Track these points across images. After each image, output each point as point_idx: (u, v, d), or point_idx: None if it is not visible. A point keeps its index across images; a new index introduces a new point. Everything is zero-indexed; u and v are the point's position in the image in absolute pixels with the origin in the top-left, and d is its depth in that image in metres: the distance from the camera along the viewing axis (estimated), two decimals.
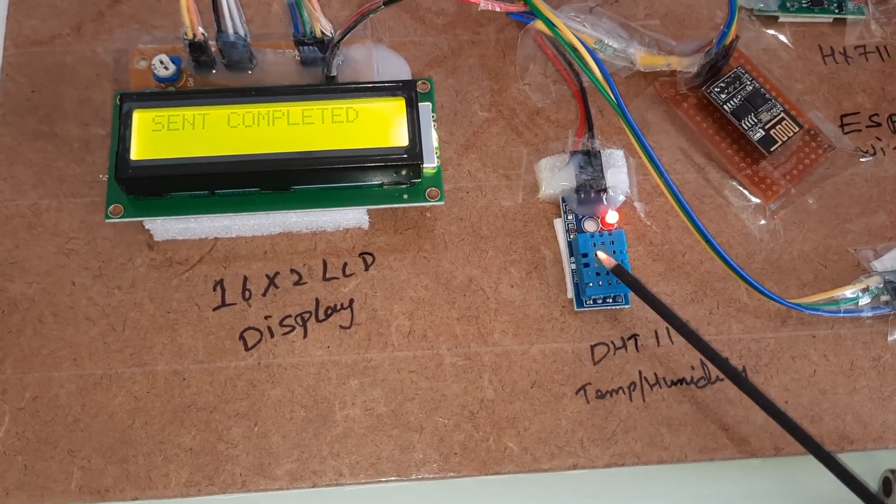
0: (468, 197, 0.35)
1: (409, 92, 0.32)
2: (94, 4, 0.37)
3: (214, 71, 0.35)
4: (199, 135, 0.31)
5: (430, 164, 0.32)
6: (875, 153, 0.37)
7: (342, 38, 0.32)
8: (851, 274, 0.35)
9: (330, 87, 0.32)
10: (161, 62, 0.34)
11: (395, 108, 0.32)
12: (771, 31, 0.38)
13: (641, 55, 0.36)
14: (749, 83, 0.36)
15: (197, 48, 0.34)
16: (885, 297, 0.33)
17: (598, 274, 0.33)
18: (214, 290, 0.33)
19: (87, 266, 0.33)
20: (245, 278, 0.33)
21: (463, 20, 0.38)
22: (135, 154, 0.30)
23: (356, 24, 0.31)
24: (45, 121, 0.35)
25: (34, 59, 0.36)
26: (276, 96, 0.32)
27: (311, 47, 0.34)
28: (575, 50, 0.33)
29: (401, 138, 0.31)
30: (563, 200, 0.35)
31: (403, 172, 0.32)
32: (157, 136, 0.31)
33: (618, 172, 0.35)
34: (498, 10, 0.32)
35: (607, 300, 0.33)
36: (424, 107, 0.33)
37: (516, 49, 0.37)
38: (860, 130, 0.37)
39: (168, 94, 0.32)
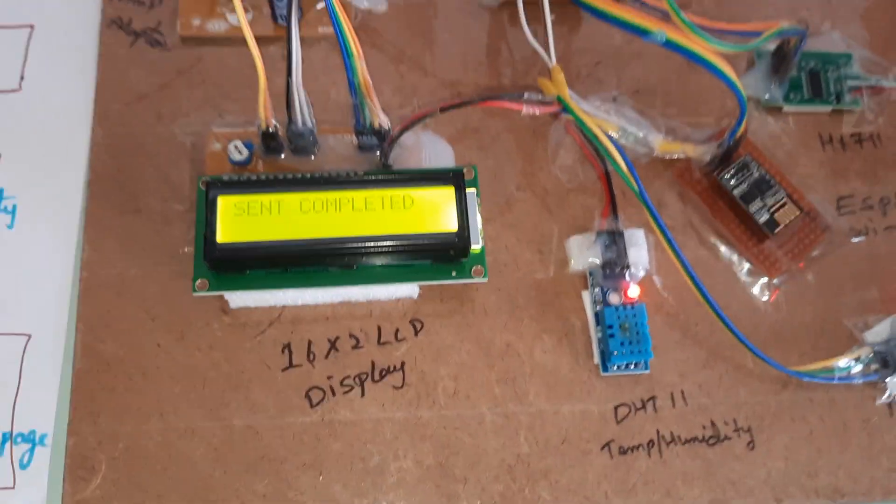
0: (506, 270, 0.39)
1: (458, 180, 0.36)
2: (173, 90, 0.41)
3: (283, 155, 0.39)
4: (276, 219, 0.35)
5: (475, 246, 0.36)
6: (867, 233, 0.41)
7: (399, 136, 0.36)
8: (845, 344, 0.39)
9: (389, 177, 0.36)
10: (236, 147, 0.39)
11: (445, 195, 0.36)
12: (776, 120, 0.43)
13: (660, 142, 0.41)
14: (756, 170, 0.40)
15: (269, 137, 0.38)
16: (874, 366, 0.38)
17: (622, 343, 0.37)
18: (283, 352, 0.37)
19: (170, 329, 0.37)
20: (309, 342, 0.38)
21: (503, 118, 0.42)
22: (220, 237, 0.35)
23: (413, 124, 0.36)
24: (131, 197, 0.39)
25: (119, 140, 0.40)
26: (342, 184, 0.36)
27: (369, 136, 0.39)
28: (604, 146, 0.37)
29: (451, 224, 0.36)
30: (590, 275, 0.39)
31: (453, 253, 0.36)
32: (238, 220, 0.35)
33: (639, 250, 0.39)
34: (537, 113, 0.36)
35: (630, 366, 0.37)
36: (470, 193, 0.37)
37: (548, 134, 0.42)
38: (854, 212, 0.42)
39: (247, 183, 0.36)
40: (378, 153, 0.39)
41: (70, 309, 0.38)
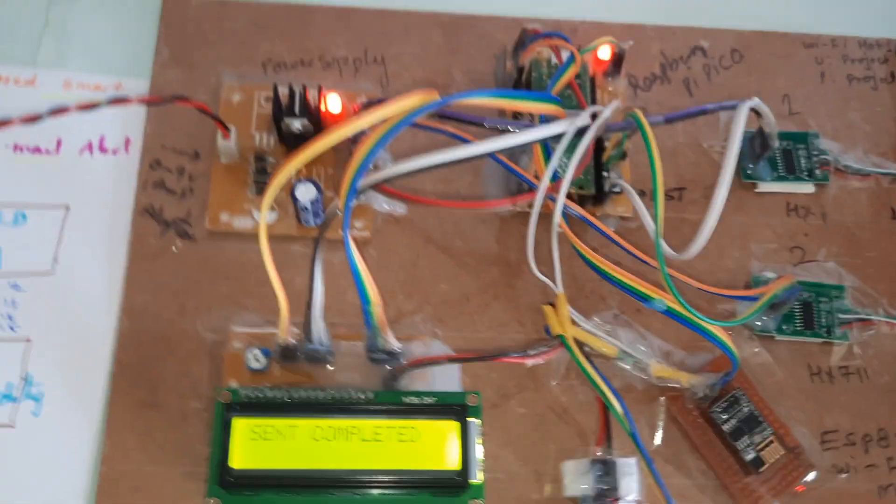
0: (503, 487, 0.41)
1: (462, 417, 0.38)
2: (197, 284, 0.44)
3: (299, 362, 0.41)
4: (289, 446, 0.37)
5: (474, 479, 0.38)
6: (849, 471, 0.43)
7: (406, 371, 0.39)
8: None
9: (397, 406, 0.38)
10: (254, 356, 0.41)
11: (450, 428, 0.38)
12: (767, 349, 0.45)
13: (655, 368, 0.43)
14: (745, 405, 0.42)
15: (287, 350, 0.40)
16: None
17: None
18: None
19: None
20: None
21: (509, 331, 0.44)
22: (233, 462, 0.37)
23: (420, 366, 0.38)
24: (151, 391, 0.41)
25: (144, 333, 0.43)
26: (352, 412, 0.38)
27: (380, 355, 0.41)
28: (601, 390, 0.39)
29: (453, 461, 0.38)
30: (582, 501, 0.41)
31: (453, 489, 0.38)
32: (253, 444, 0.37)
33: (630, 480, 0.41)
34: (542, 361, 0.38)
35: None
36: (473, 423, 0.39)
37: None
38: (838, 448, 0.44)
39: (262, 405, 0.38)
40: (388, 368, 0.41)
41: (88, 502, 0.39)
